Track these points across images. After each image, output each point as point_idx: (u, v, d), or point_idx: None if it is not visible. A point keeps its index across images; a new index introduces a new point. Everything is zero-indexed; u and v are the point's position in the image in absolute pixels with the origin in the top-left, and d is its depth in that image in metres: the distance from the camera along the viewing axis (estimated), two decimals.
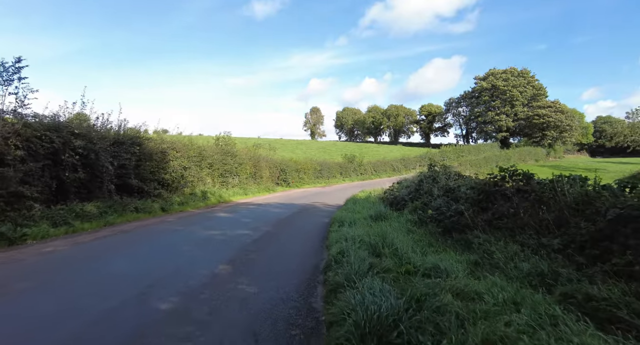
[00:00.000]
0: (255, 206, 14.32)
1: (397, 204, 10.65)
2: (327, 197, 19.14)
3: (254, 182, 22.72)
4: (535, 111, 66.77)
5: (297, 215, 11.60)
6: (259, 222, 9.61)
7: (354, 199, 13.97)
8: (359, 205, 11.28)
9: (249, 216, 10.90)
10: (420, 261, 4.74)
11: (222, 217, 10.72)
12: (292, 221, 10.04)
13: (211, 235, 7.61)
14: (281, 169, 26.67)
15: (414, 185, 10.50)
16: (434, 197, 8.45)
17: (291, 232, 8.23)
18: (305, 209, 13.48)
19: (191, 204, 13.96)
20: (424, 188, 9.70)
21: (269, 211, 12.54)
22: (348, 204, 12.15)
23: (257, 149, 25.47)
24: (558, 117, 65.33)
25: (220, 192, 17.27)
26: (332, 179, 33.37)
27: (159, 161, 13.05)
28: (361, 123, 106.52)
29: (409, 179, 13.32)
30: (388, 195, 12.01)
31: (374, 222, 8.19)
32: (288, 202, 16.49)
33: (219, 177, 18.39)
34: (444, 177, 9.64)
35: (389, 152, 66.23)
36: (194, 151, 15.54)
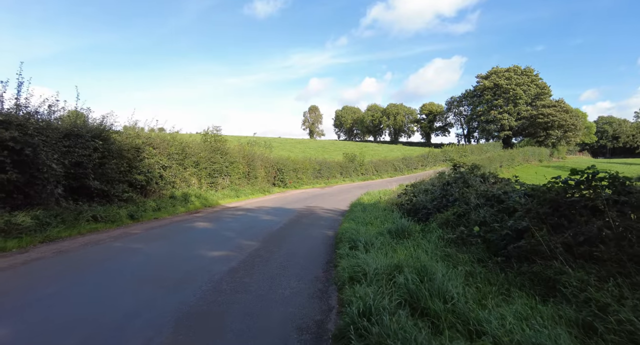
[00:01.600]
0: (244, 212, 12.32)
1: (416, 212, 8.69)
2: (328, 200, 17.16)
3: (248, 182, 20.72)
4: (539, 110, 65.05)
5: (294, 225, 9.61)
6: (244, 237, 7.61)
7: (361, 204, 11.99)
8: (368, 213, 9.31)
9: (233, 228, 8.90)
10: (497, 326, 2.78)
11: (200, 229, 8.71)
12: (286, 235, 8.04)
13: (174, 261, 5.60)
14: (278, 169, 24.67)
15: (438, 189, 8.55)
16: (472, 207, 6.49)
17: (284, 254, 6.21)
18: (304, 216, 11.49)
19: (169, 209, 11.94)
20: (452, 193, 7.74)
21: (260, 219, 10.53)
22: (355, 212, 10.17)
23: (252, 146, 23.45)
24: (563, 117, 63.66)
25: (207, 195, 15.25)
26: (332, 179, 31.41)
27: (131, 159, 11.02)
28: (360, 122, 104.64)
29: (426, 182, 11.38)
30: (403, 200, 10.05)
31: (395, 239, 6.23)
32: (284, 206, 14.50)
33: (207, 178, 16.37)
34: (477, 179, 7.70)
35: (390, 151, 64.49)
36: (175, 148, 13.51)
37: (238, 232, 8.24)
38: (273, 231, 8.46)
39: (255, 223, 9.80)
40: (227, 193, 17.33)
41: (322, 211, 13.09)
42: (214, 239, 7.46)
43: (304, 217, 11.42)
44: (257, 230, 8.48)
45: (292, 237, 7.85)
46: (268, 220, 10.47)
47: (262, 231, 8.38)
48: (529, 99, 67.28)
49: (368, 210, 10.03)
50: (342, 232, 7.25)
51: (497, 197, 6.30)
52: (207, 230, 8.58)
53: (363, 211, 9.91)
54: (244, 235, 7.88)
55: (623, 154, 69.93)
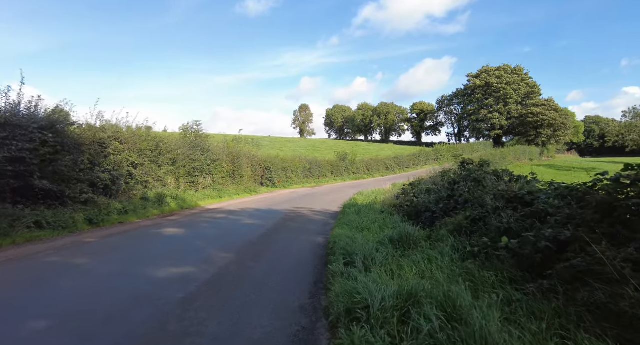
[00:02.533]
0: (225, 215, 11.03)
1: (418, 215, 7.58)
2: (319, 201, 15.97)
3: (233, 182, 19.39)
4: (529, 109, 65.13)
5: (279, 230, 8.39)
6: (217, 247, 6.37)
7: (354, 206, 10.84)
8: (364, 217, 8.16)
9: (207, 234, 7.65)
10: None
11: (167, 237, 7.42)
12: (269, 244, 6.82)
13: (114, 284, 4.32)
14: (266, 168, 23.38)
15: (444, 189, 7.45)
16: (489, 210, 5.39)
17: (262, 270, 4.98)
18: (291, 220, 10.28)
19: (139, 212, 10.58)
20: (462, 194, 6.64)
21: (241, 224, 9.29)
22: (349, 214, 9.01)
23: (237, 144, 22.09)
24: (552, 116, 63.86)
25: (185, 196, 13.90)
26: (322, 178, 30.25)
27: (93, 155, 9.63)
28: (351, 121, 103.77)
29: (426, 180, 10.30)
30: (402, 201, 8.93)
31: (399, 250, 5.08)
32: (270, 207, 13.26)
33: (186, 177, 15.01)
34: (490, 177, 6.63)
35: (381, 150, 63.77)
36: (148, 143, 12.12)
37: (212, 240, 6.98)
38: (253, 239, 7.22)
39: (234, 228, 8.55)
40: (209, 193, 16.00)
41: (312, 213, 11.90)
42: (180, 249, 6.20)
43: (291, 220, 10.20)
44: (234, 238, 7.23)
45: (275, 246, 6.63)
46: (250, 224, 9.23)
47: (241, 239, 7.13)
48: (519, 98, 67.34)
49: (363, 212, 8.89)
50: (334, 239, 6.07)
51: (521, 198, 5.21)
52: (175, 238, 7.30)
53: (357, 214, 8.75)
54: (218, 244, 6.63)
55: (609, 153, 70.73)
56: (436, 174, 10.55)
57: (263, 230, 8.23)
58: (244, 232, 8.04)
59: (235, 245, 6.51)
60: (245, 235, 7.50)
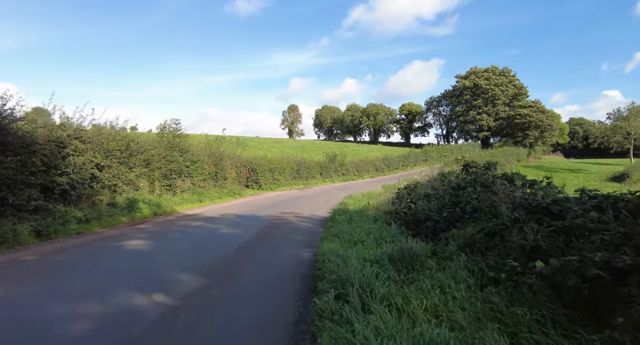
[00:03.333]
0: (202, 222, 9.93)
1: (418, 224, 6.69)
2: (307, 205, 14.98)
3: (215, 184, 18.21)
4: (517, 111, 65.65)
5: (260, 242, 7.37)
6: (182, 266, 5.32)
7: (345, 212, 9.88)
8: (356, 226, 7.22)
9: (176, 248, 6.57)
10: None
11: (128, 251, 6.32)
12: (245, 261, 5.80)
13: (18, 331, 3.25)
14: (251, 169, 22.24)
15: (446, 195, 6.57)
16: (506, 221, 4.51)
17: (229, 304, 3.96)
18: (276, 228, 9.26)
19: (104, 220, 9.40)
20: (469, 201, 5.76)
21: (218, 234, 8.22)
22: (339, 223, 8.04)
23: (221, 144, 20.89)
24: (539, 117, 64.51)
25: (161, 200, 12.72)
26: (311, 179, 29.26)
27: (48, 156, 8.42)
28: (340, 122, 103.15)
29: (422, 184, 9.44)
30: (398, 208, 8.02)
31: (401, 274, 4.15)
32: (254, 212, 12.20)
33: (162, 180, 13.80)
34: (500, 182, 5.76)
35: (370, 151, 63.19)
36: (117, 143, 10.90)
37: (179, 256, 5.92)
38: (229, 254, 6.18)
39: (209, 240, 7.49)
40: (188, 197, 14.82)
41: (299, 220, 10.89)
42: (136, 270, 5.12)
43: (275, 228, 9.18)
44: (206, 253, 6.18)
45: (252, 263, 5.61)
46: (228, 234, 8.17)
47: (214, 254, 6.08)
48: (507, 99, 67.84)
49: (355, 220, 7.95)
50: (323, 256, 5.09)
51: (545, 208, 4.35)
52: (136, 253, 6.19)
53: (349, 222, 7.81)
54: (186, 261, 5.58)
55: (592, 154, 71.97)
56: (433, 177, 9.71)
57: (242, 242, 7.19)
58: (219, 244, 6.99)
59: (206, 263, 5.46)
60: (219, 249, 6.45)
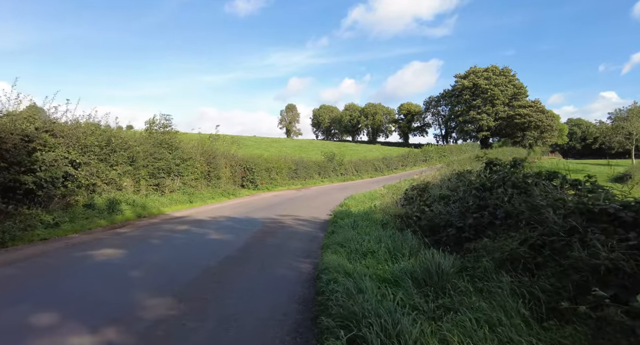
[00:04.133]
0: (189, 226, 8.93)
1: (435, 232, 5.74)
2: (305, 206, 14.01)
3: (208, 184, 17.21)
4: (516, 111, 65.03)
5: (251, 251, 6.39)
6: (153, 285, 4.34)
7: (348, 215, 8.92)
8: (363, 232, 6.26)
9: (152, 260, 5.58)
10: None
11: (94, 264, 5.31)
12: (231, 277, 4.81)
13: None
14: (247, 168, 21.24)
15: (470, 197, 5.61)
16: (558, 231, 3.57)
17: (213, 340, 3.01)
18: (270, 233, 8.29)
19: (79, 223, 8.38)
20: (499, 204, 4.82)
21: (204, 241, 7.23)
22: (342, 228, 7.08)
23: (214, 142, 19.87)
24: (539, 117, 63.95)
25: (146, 201, 11.70)
26: (309, 179, 28.31)
27: (10, 151, 7.39)
28: (338, 121, 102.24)
29: (434, 183, 8.47)
30: (409, 210, 7.05)
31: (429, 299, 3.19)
32: (248, 215, 11.21)
33: (148, 178, 12.78)
34: (541, 182, 4.82)
35: (368, 151, 62.36)
36: (95, 138, 9.87)
37: (154, 270, 4.94)
38: (213, 267, 5.19)
39: (193, 248, 6.50)
40: (177, 198, 13.81)
41: (297, 223, 9.92)
42: (93, 292, 4.13)
43: (270, 233, 8.20)
44: (186, 266, 5.19)
45: (239, 281, 4.63)
46: (216, 241, 7.19)
47: (195, 267, 5.10)
48: (507, 99, 67.14)
49: (361, 225, 6.98)
50: (327, 274, 4.12)
51: (612, 214, 3.41)
52: (101, 267, 5.19)
53: (354, 228, 6.84)
54: (159, 278, 4.59)
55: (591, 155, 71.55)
56: (447, 176, 8.78)
57: (230, 251, 6.21)
58: (204, 254, 6.00)
59: (183, 280, 4.48)
60: (203, 261, 5.47)
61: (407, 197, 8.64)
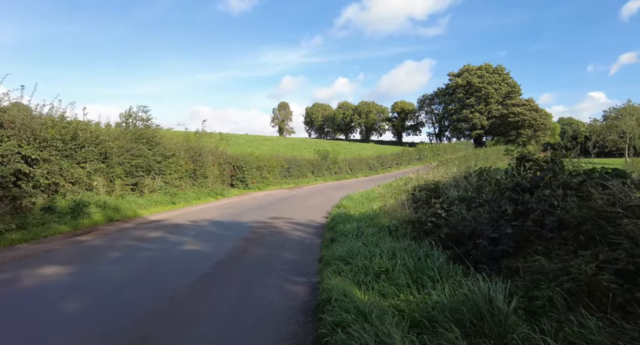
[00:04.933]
0: (163, 233, 7.71)
1: (459, 241, 4.67)
2: (299, 207, 12.88)
3: (194, 183, 15.93)
4: (510, 109, 64.73)
5: (231, 266, 5.23)
6: (100, 320, 3.18)
7: (348, 218, 7.81)
8: (370, 242, 5.15)
9: (106, 280, 4.40)
10: None
11: (25, 290, 4.11)
12: (203, 307, 3.65)
13: None
14: (237, 166, 19.98)
15: (504, 200, 4.55)
16: None
17: None
18: (258, 241, 7.13)
19: (31, 230, 7.12)
20: (548, 209, 3.77)
21: (176, 253, 6.03)
22: (343, 235, 5.96)
23: (200, 138, 18.55)
24: (532, 116, 63.74)
25: (121, 203, 10.42)
26: (302, 178, 27.16)
27: None
28: (331, 120, 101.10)
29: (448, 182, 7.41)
30: (423, 216, 5.96)
31: None
32: (235, 218, 10.04)
33: (125, 177, 11.48)
34: (613, 183, 3.79)
35: (362, 149, 61.47)
36: (57, 131, 8.57)
37: (94, 302, 3.75)
38: (180, 289, 4.02)
39: (160, 262, 5.31)
40: (158, 198, 12.53)
41: (290, 227, 8.78)
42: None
43: (258, 241, 7.05)
44: (142, 293, 4.01)
45: (209, 318, 3.47)
46: (192, 253, 6.00)
47: (153, 296, 3.92)
48: (500, 97, 66.79)
49: (365, 232, 5.87)
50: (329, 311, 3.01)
51: None
52: (26, 295, 3.96)
53: (357, 236, 5.72)
54: (105, 311, 3.43)
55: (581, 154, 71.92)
56: (460, 174, 7.73)
57: (206, 267, 5.04)
58: (171, 273, 4.82)
59: (131, 320, 3.30)
60: (167, 284, 4.29)
61: (415, 199, 7.57)
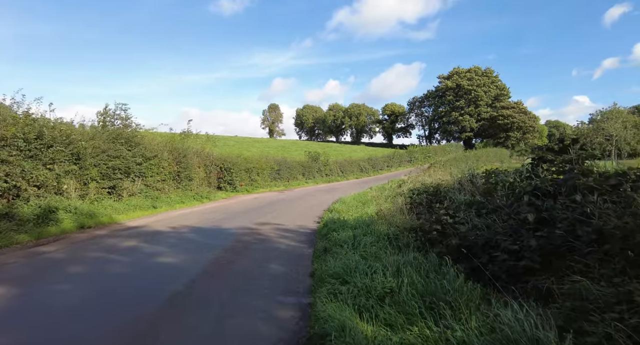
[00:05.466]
0: (137, 242, 6.94)
1: (471, 255, 4.07)
2: (288, 211, 12.20)
3: (177, 186, 15.09)
4: (499, 112, 65.28)
5: (211, 282, 4.53)
6: None
7: (342, 224, 7.16)
8: (369, 254, 4.51)
9: (59, 302, 3.67)
10: None
11: None
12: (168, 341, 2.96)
13: None
14: (225, 168, 19.18)
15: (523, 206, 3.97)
16: None
17: None
18: (242, 251, 6.43)
19: None
20: (589, 220, 3.22)
21: (149, 267, 5.30)
22: (337, 245, 5.31)
23: (185, 139, 17.69)
24: (521, 118, 64.37)
25: (95, 208, 9.58)
26: (292, 180, 26.46)
27: None
28: (322, 122, 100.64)
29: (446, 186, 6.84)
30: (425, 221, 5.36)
31: None
32: (219, 223, 9.30)
33: (101, 180, 10.63)
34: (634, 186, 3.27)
35: (353, 151, 61.13)
36: (19, 129, 7.74)
37: (46, 326, 3.03)
38: (145, 315, 3.33)
39: (126, 282, 4.58)
40: (138, 202, 11.70)
41: (278, 234, 8.10)
42: None
43: (241, 251, 6.35)
44: (103, 316, 3.31)
45: None
46: (165, 267, 5.27)
47: (114, 320, 3.23)
48: (490, 100, 67.36)
49: (362, 241, 5.24)
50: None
51: None
52: None
53: (353, 247, 5.07)
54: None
55: None
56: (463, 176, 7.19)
57: (179, 285, 4.33)
58: (138, 293, 4.11)
59: None
60: (128, 309, 3.59)
61: (413, 203, 6.99)
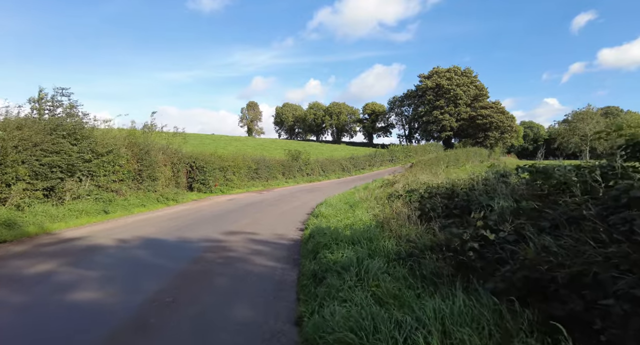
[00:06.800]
0: (56, 264, 5.10)
1: (544, 299, 2.63)
2: (267, 216, 10.53)
3: (139, 187, 13.07)
4: (478, 111, 65.93)
5: (138, 343, 2.87)
6: None
7: (336, 236, 5.56)
8: (385, 293, 3.00)
9: None
10: None
11: None
12: None
13: None
14: (196, 167, 17.22)
15: (613, 213, 2.67)
16: None
17: None
18: (202, 276, 4.76)
19: None
20: None
21: (56, 310, 3.55)
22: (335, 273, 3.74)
23: (148, 134, 15.57)
24: (500, 118, 65.27)
25: (18, 215, 7.58)
26: (272, 180, 24.71)
27: None
28: (302, 120, 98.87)
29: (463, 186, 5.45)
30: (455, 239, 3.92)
31: None
32: (181, 233, 7.53)
33: (32, 180, 8.59)
34: None
35: (334, 150, 59.99)
36: None
37: None
38: None
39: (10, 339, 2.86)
40: (85, 207, 9.70)
41: (251, 249, 6.44)
42: None
43: (201, 278, 4.67)
44: None
45: None
46: (77, 309, 3.54)
47: None
48: (469, 100, 67.96)
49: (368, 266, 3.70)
50: None
51: None
52: None
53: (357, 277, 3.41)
54: None
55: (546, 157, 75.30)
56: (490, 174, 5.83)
57: None
58: None
59: None
60: None
61: (423, 208, 5.57)
